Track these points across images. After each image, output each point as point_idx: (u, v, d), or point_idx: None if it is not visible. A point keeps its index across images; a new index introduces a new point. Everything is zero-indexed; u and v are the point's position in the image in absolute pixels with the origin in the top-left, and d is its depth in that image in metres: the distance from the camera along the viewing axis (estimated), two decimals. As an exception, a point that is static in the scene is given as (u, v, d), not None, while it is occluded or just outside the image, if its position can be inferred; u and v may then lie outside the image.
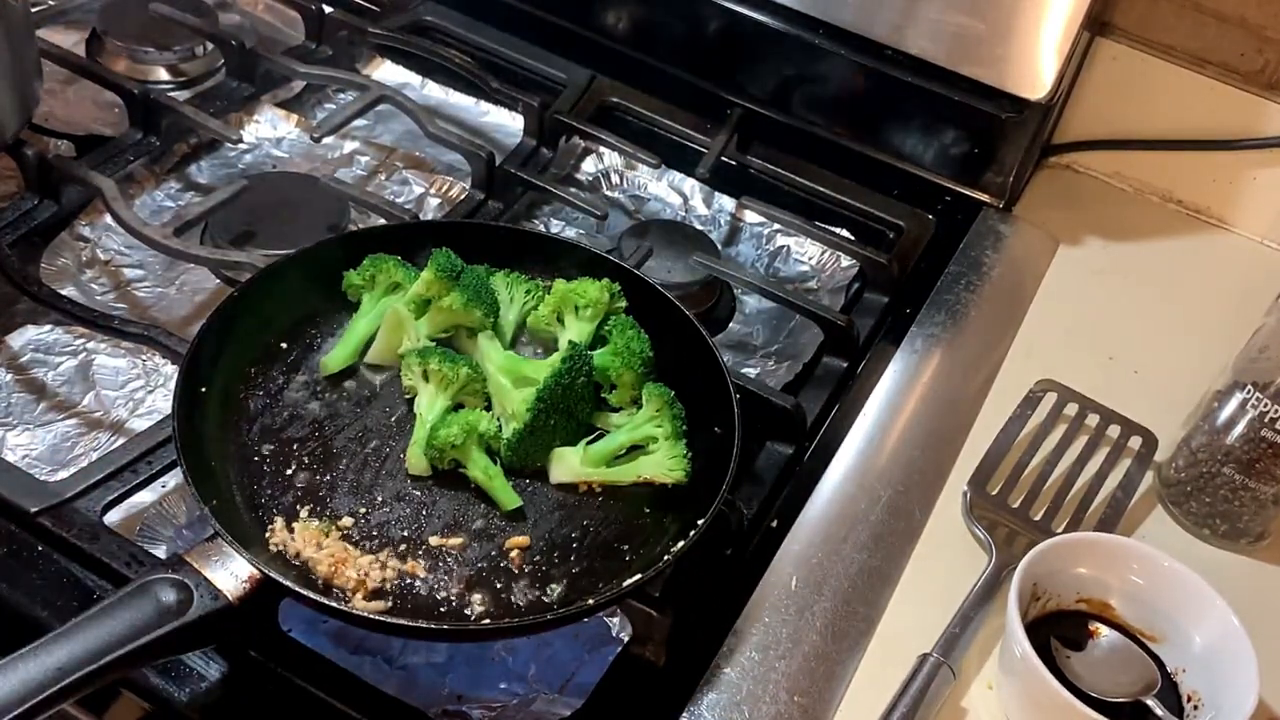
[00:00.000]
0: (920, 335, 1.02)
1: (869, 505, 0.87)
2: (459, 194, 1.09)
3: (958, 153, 1.15)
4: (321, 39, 1.20)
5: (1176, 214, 1.20)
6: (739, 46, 1.18)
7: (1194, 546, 0.90)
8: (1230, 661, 0.75)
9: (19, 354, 0.89)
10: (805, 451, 0.90)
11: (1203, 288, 1.12)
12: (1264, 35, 1.10)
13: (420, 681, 0.77)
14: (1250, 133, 1.13)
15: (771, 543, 0.84)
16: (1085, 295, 1.09)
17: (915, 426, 0.94)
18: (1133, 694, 0.76)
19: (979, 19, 1.08)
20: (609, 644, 0.80)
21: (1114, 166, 1.21)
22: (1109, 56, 1.15)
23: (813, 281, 1.09)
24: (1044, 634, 0.78)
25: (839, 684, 0.77)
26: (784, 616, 0.79)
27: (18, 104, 0.97)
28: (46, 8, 1.19)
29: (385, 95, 1.10)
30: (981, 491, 0.88)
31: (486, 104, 1.20)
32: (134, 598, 0.65)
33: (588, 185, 1.15)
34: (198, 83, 1.16)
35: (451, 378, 0.82)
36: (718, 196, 1.14)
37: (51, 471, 0.82)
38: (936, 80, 1.12)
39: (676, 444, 0.81)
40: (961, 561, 0.85)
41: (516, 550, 0.77)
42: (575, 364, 0.82)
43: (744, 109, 1.18)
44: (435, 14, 1.23)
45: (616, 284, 0.89)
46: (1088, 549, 0.81)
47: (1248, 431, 0.85)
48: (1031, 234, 1.15)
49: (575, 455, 0.82)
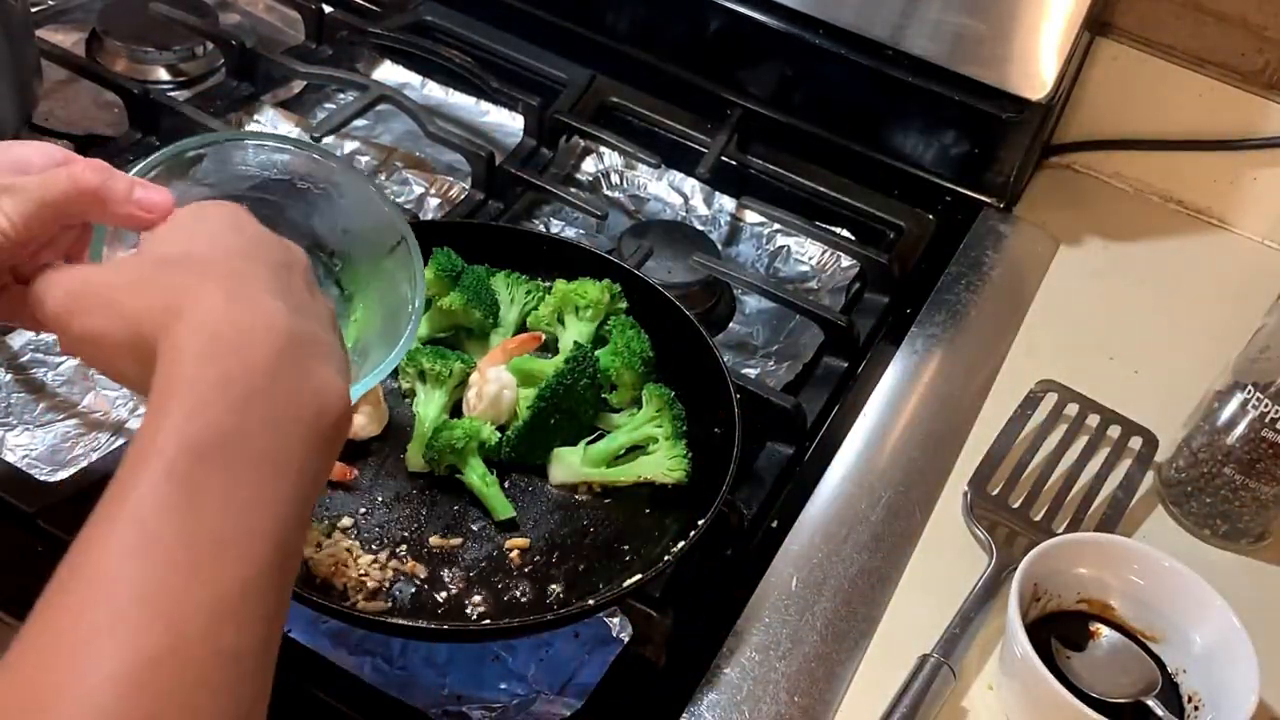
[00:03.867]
0: (920, 335, 1.02)
1: (869, 505, 0.87)
2: (459, 194, 1.09)
3: (958, 153, 1.15)
4: (321, 39, 1.20)
5: (1177, 214, 1.20)
6: (739, 46, 1.18)
7: (1194, 547, 0.90)
8: (1230, 662, 0.75)
9: (19, 354, 0.88)
10: (805, 452, 0.90)
11: (1203, 288, 1.12)
12: (1264, 35, 1.10)
13: (420, 681, 0.77)
14: (1250, 133, 1.13)
15: (771, 543, 0.84)
16: (1085, 295, 1.09)
17: (915, 426, 0.94)
18: (1133, 694, 0.76)
19: (979, 19, 1.08)
20: (609, 644, 0.80)
21: (1114, 166, 1.21)
22: (1109, 56, 1.15)
23: (813, 281, 1.09)
24: (1044, 634, 0.78)
25: (839, 684, 0.77)
26: (784, 617, 0.79)
27: (17, 104, 0.97)
28: (46, 8, 1.19)
29: (385, 95, 1.10)
30: (982, 492, 0.88)
31: (486, 104, 1.20)
32: (134, 598, 0.65)
33: (588, 185, 1.15)
34: (198, 83, 1.16)
35: (444, 374, 0.82)
36: (718, 196, 1.14)
37: (51, 471, 0.82)
38: (937, 80, 1.12)
39: (676, 444, 0.81)
40: (962, 562, 0.85)
41: (516, 550, 0.77)
42: (579, 364, 0.82)
43: (744, 109, 1.18)
44: (435, 14, 1.23)
45: (616, 284, 0.89)
46: (1088, 549, 0.81)
47: (1248, 432, 0.85)
48: (1032, 234, 1.15)
49: (575, 455, 0.82)
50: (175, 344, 0.48)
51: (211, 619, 0.43)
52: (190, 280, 0.50)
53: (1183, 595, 0.78)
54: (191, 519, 0.44)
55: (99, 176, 0.56)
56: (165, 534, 0.44)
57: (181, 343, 0.48)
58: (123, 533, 0.44)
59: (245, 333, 0.49)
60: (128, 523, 0.44)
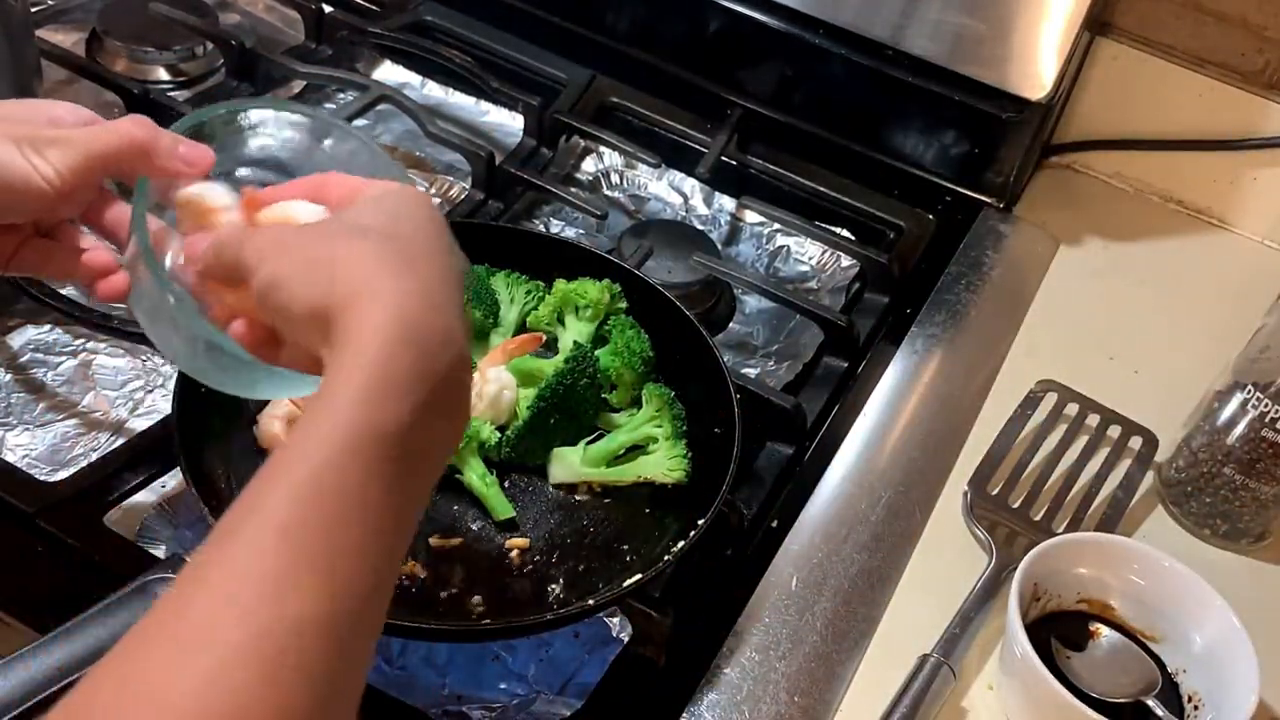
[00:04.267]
0: (920, 335, 1.02)
1: (869, 505, 0.87)
2: (459, 194, 1.09)
3: (958, 153, 1.15)
4: (321, 39, 1.20)
5: (1177, 214, 1.20)
6: (739, 46, 1.18)
7: (1194, 546, 0.90)
8: (1230, 662, 0.75)
9: (19, 354, 0.88)
10: (805, 451, 0.90)
11: (1203, 288, 1.12)
12: (1264, 35, 1.10)
13: (420, 681, 0.77)
14: (1250, 133, 1.13)
15: (771, 543, 0.84)
16: (1085, 295, 1.09)
17: (915, 426, 0.94)
18: (1133, 694, 0.75)
19: (979, 19, 1.08)
20: (609, 644, 0.80)
21: (1114, 166, 1.21)
22: (1109, 56, 1.15)
23: (813, 281, 1.09)
24: (1044, 634, 0.78)
25: (839, 684, 0.77)
26: (784, 617, 0.79)
27: (17, 104, 0.97)
28: (46, 8, 1.19)
29: (385, 95, 1.10)
30: (982, 492, 0.88)
31: (486, 104, 1.20)
32: (134, 598, 0.65)
33: (588, 185, 1.15)
34: (198, 83, 1.16)
35: None
36: (718, 196, 1.14)
37: (51, 471, 0.82)
38: (936, 80, 1.12)
39: (676, 444, 0.81)
40: (962, 561, 0.85)
41: (516, 550, 0.77)
42: (579, 364, 0.82)
43: (744, 109, 1.18)
44: (435, 14, 1.23)
45: (616, 284, 0.89)
46: (1088, 549, 0.81)
47: (1248, 432, 0.85)
48: (1032, 234, 1.15)
49: (575, 455, 0.82)
50: (369, 323, 0.47)
51: (346, 599, 0.43)
52: (394, 266, 0.49)
53: (1183, 595, 0.78)
54: (359, 502, 0.44)
55: (147, 130, 0.57)
56: (334, 506, 0.44)
57: (375, 323, 0.47)
58: (279, 505, 0.44)
59: (437, 332, 0.48)
60: (295, 487, 0.44)
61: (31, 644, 0.61)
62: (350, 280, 0.48)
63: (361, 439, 0.45)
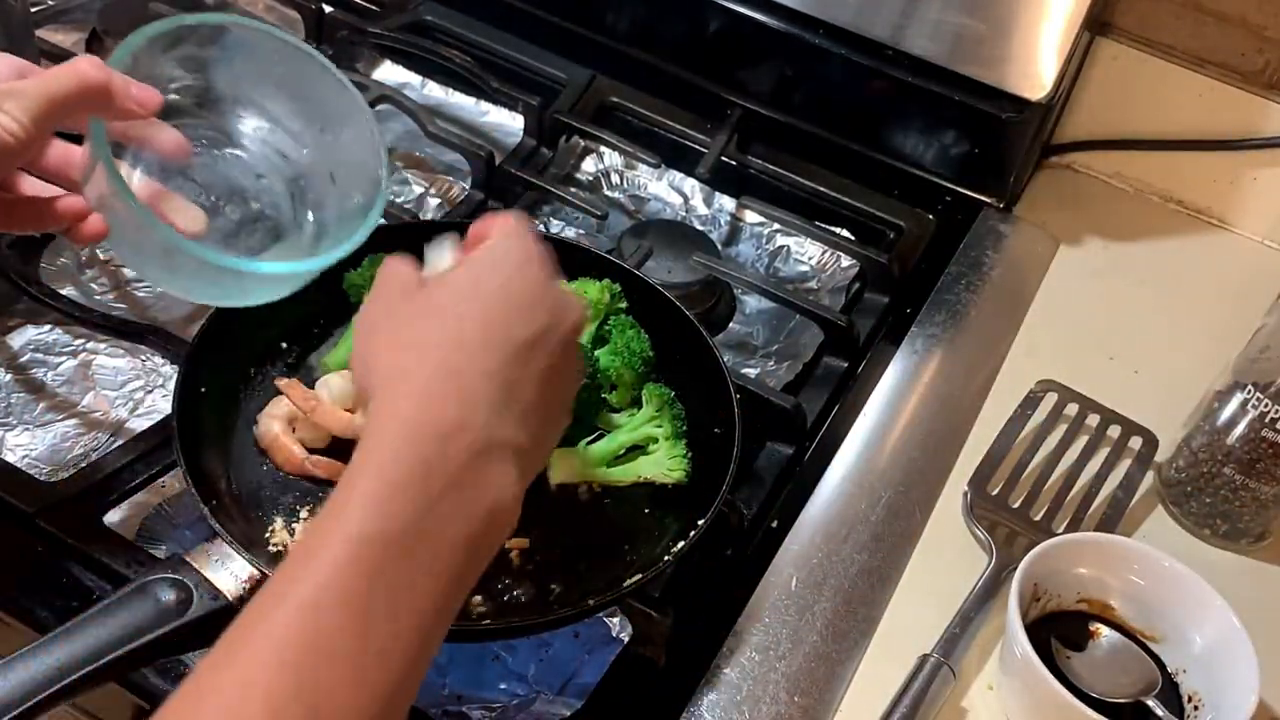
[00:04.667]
0: (920, 335, 1.02)
1: (869, 505, 0.87)
2: (459, 194, 1.09)
3: (958, 153, 1.15)
4: (321, 39, 1.20)
5: (1177, 214, 1.20)
6: (739, 46, 1.18)
7: (1194, 547, 0.90)
8: (1230, 662, 0.75)
9: (19, 354, 0.89)
10: (805, 451, 0.90)
11: (1203, 288, 1.12)
12: (1264, 35, 1.10)
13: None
14: (1250, 133, 1.13)
15: (771, 543, 0.84)
16: (1085, 295, 1.09)
17: (915, 426, 0.94)
18: (1133, 694, 0.76)
19: (979, 19, 1.08)
20: (609, 644, 0.80)
21: (1114, 166, 1.21)
22: (1109, 56, 1.15)
23: (813, 281, 1.09)
24: (1044, 634, 0.78)
25: (839, 684, 0.77)
26: (784, 617, 0.79)
27: (17, 104, 0.96)
28: (46, 8, 1.18)
29: (385, 95, 1.10)
30: (982, 492, 0.88)
31: (486, 104, 1.20)
32: (134, 598, 0.65)
33: (588, 185, 1.15)
34: (197, 83, 1.16)
35: None
36: (718, 196, 1.14)
37: (51, 471, 0.82)
38: (936, 80, 1.12)
39: (676, 444, 0.81)
40: (962, 562, 0.85)
41: (516, 550, 0.77)
42: (578, 364, 0.82)
43: (744, 109, 1.18)
44: (435, 14, 1.23)
45: (616, 284, 0.89)
46: (1088, 549, 0.81)
47: (1248, 432, 0.85)
48: (1032, 234, 1.15)
49: (575, 455, 0.82)
50: (386, 410, 0.50)
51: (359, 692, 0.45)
52: (418, 358, 0.53)
53: (1183, 595, 0.78)
54: (362, 611, 0.46)
55: (101, 71, 0.57)
56: (335, 623, 0.45)
57: (390, 412, 0.50)
58: (290, 618, 0.45)
59: (448, 423, 0.50)
60: (297, 607, 0.45)
61: (31, 644, 0.61)
62: (380, 374, 0.53)
63: (372, 544, 0.47)
